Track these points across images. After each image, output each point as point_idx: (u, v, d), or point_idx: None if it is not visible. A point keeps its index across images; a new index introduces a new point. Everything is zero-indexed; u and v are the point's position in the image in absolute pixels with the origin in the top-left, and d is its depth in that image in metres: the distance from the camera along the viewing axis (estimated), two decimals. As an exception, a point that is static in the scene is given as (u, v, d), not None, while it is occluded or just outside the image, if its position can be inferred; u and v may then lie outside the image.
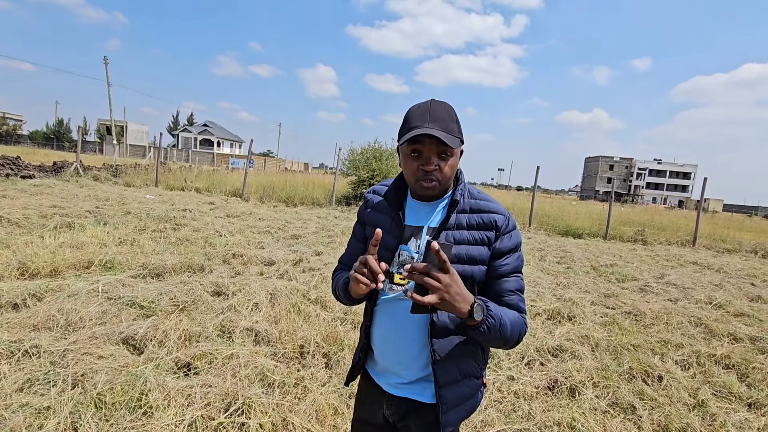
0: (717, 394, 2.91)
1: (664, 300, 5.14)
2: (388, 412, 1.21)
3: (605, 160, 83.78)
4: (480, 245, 1.10)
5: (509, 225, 1.13)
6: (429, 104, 1.08)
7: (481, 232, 1.11)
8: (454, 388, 1.13)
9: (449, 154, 1.07)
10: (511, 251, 1.12)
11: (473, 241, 1.10)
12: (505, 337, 1.03)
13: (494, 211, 1.13)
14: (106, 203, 8.41)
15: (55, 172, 13.41)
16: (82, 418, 1.97)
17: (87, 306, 3.17)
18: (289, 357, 2.86)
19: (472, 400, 1.18)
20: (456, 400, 1.14)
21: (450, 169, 1.09)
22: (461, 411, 1.16)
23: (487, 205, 1.14)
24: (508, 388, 2.77)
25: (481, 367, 1.20)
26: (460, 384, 1.14)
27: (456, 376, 1.13)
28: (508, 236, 1.12)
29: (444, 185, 1.11)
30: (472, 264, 1.09)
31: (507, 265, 1.11)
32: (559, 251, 8.26)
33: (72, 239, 5.09)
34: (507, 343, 1.06)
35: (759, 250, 10.65)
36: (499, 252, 1.11)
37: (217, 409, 2.17)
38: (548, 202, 20.48)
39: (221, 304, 3.56)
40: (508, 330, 1.03)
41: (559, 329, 3.79)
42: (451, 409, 1.13)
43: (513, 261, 1.12)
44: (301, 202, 13.09)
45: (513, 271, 1.12)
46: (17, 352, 2.47)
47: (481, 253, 1.10)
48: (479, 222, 1.11)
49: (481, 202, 1.15)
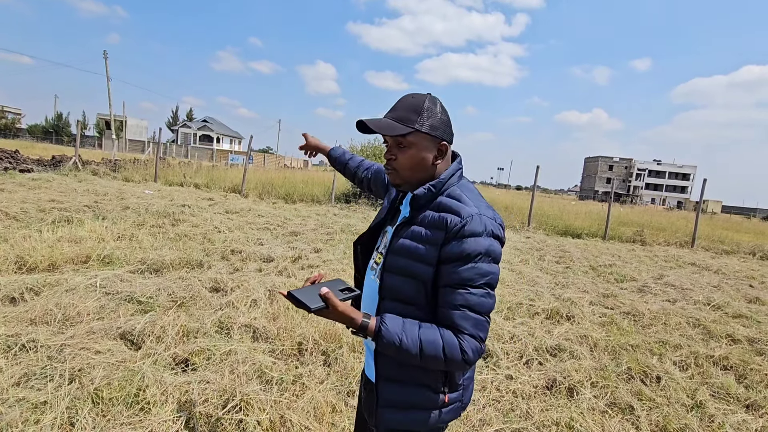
0: (715, 395, 2.91)
1: (663, 301, 5.15)
2: (364, 394, 1.24)
3: (605, 161, 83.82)
4: (429, 244, 1.02)
5: (463, 229, 0.99)
6: (403, 96, 1.09)
7: (432, 230, 1.03)
8: (395, 387, 1.09)
9: (405, 144, 1.07)
10: (459, 259, 0.99)
11: (424, 238, 1.04)
12: (412, 359, 0.98)
13: (453, 211, 1.03)
14: (104, 198, 8.38)
15: (54, 166, 13.37)
16: (79, 414, 1.96)
17: (85, 301, 3.16)
18: (287, 354, 2.85)
19: (420, 413, 1.08)
20: (395, 401, 1.09)
21: (409, 160, 1.07)
22: (402, 416, 1.09)
23: (452, 204, 1.05)
24: (506, 387, 2.76)
25: (441, 382, 1.08)
26: (402, 385, 1.08)
27: (397, 375, 1.08)
28: (458, 241, 0.99)
29: (403, 175, 1.10)
30: (417, 261, 1.03)
31: (452, 275, 0.99)
32: (558, 251, 8.26)
33: (70, 234, 5.07)
34: (425, 364, 0.99)
35: (757, 252, 10.66)
36: (446, 257, 1.00)
37: (214, 405, 2.16)
38: (547, 201, 20.48)
39: (219, 301, 3.55)
40: (412, 353, 0.96)
41: (557, 329, 3.79)
42: (388, 407, 1.09)
43: (463, 272, 0.99)
44: (301, 199, 13.07)
45: (460, 283, 0.99)
46: (14, 346, 2.45)
47: (428, 252, 1.02)
48: (434, 219, 1.04)
49: (451, 201, 1.06)
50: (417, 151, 1.07)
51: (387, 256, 1.09)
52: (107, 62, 37.25)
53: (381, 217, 1.25)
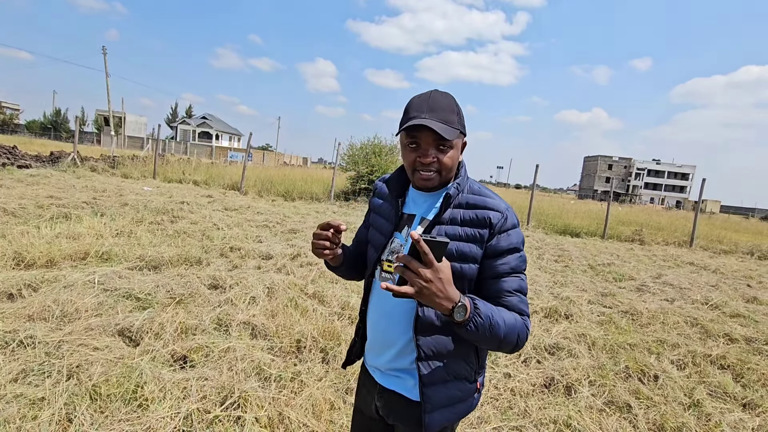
0: (712, 394, 2.92)
1: (661, 300, 5.16)
2: (379, 404, 1.21)
3: (604, 160, 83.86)
4: (471, 242, 1.05)
5: (506, 223, 1.06)
6: (429, 94, 1.07)
7: (474, 229, 1.06)
8: (441, 388, 1.09)
9: (447, 146, 1.06)
10: (508, 251, 1.06)
11: (465, 237, 1.05)
12: (498, 338, 0.98)
13: (491, 207, 1.07)
14: (103, 194, 8.36)
15: (52, 162, 13.32)
16: (76, 410, 1.96)
17: (83, 297, 3.15)
18: (285, 351, 2.85)
19: (462, 404, 1.13)
20: (442, 401, 1.10)
21: (450, 160, 1.08)
22: (448, 413, 1.11)
23: (484, 201, 1.08)
24: (504, 386, 2.77)
25: (475, 371, 1.14)
26: (447, 385, 1.10)
27: (443, 376, 1.09)
28: (505, 235, 1.06)
29: (444, 177, 1.10)
30: (462, 261, 1.05)
31: (504, 265, 1.06)
32: (557, 250, 8.27)
33: (68, 230, 5.05)
34: (502, 345, 1.00)
35: (755, 252, 10.69)
36: (494, 251, 1.05)
37: (213, 402, 2.16)
38: (547, 200, 20.50)
39: (218, 298, 3.55)
40: (501, 332, 0.97)
41: (556, 327, 3.80)
42: (436, 409, 1.09)
43: (512, 261, 1.06)
44: (300, 196, 13.06)
45: (512, 271, 1.06)
46: (12, 342, 2.45)
47: (472, 250, 1.05)
48: (473, 218, 1.06)
49: (479, 197, 1.09)
50: (455, 151, 1.09)
51: None
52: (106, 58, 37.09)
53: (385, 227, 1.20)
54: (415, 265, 0.85)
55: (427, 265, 0.86)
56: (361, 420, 1.32)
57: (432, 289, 0.87)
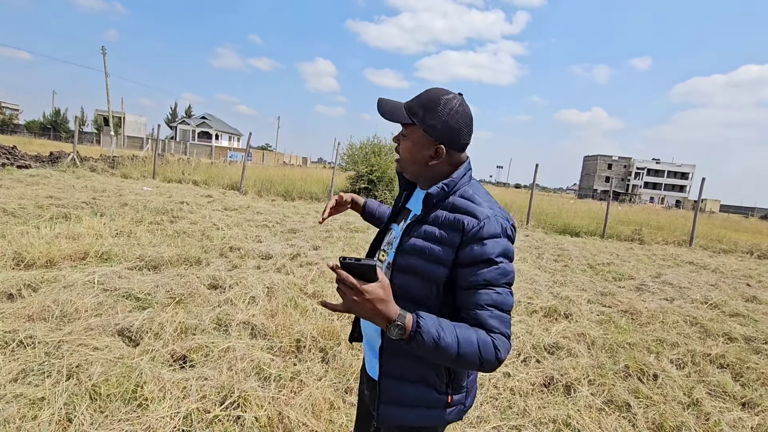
0: (711, 393, 2.93)
1: (660, 299, 5.16)
2: (367, 393, 1.23)
3: (604, 159, 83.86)
4: (443, 245, 1.01)
5: (481, 231, 0.98)
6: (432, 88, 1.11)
7: (448, 231, 1.02)
8: (398, 385, 1.08)
9: (405, 135, 1.10)
10: (482, 262, 0.98)
11: (438, 239, 1.02)
12: (450, 357, 0.92)
13: (469, 212, 1.02)
14: (102, 194, 8.35)
15: (52, 162, 13.32)
16: (76, 410, 1.96)
17: (82, 297, 3.16)
18: (285, 351, 2.85)
19: (422, 410, 1.08)
20: (398, 398, 1.08)
21: (406, 151, 1.10)
22: (404, 413, 1.08)
23: (466, 205, 1.04)
24: (504, 385, 2.77)
25: (447, 384, 1.07)
26: (406, 384, 1.08)
27: (404, 373, 1.07)
28: (478, 244, 0.98)
29: (403, 164, 1.13)
30: (432, 262, 1.02)
31: (476, 276, 0.98)
32: (557, 249, 8.28)
33: (68, 230, 5.05)
34: (459, 364, 0.94)
35: (755, 251, 10.70)
36: (467, 259, 0.99)
37: (212, 402, 2.16)
38: (546, 200, 20.51)
39: (218, 298, 3.55)
40: (452, 351, 0.91)
41: (555, 327, 3.80)
42: (391, 403, 1.08)
43: (485, 273, 0.98)
44: (299, 196, 13.06)
45: (485, 284, 0.98)
46: (12, 342, 2.45)
47: (442, 253, 1.01)
48: (449, 221, 1.03)
49: (464, 201, 1.05)
50: (413, 145, 1.08)
51: (397, 255, 1.08)
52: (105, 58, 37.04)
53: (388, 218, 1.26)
54: (346, 284, 0.89)
55: (353, 286, 0.89)
56: (361, 408, 1.36)
57: (361, 307, 0.89)
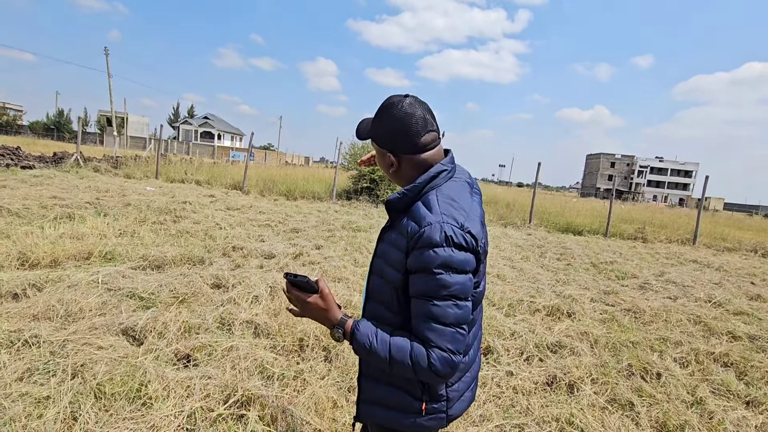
0: (715, 391, 2.92)
1: (664, 298, 5.14)
2: None
3: (606, 158, 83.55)
4: (397, 249, 1.02)
5: (421, 239, 0.95)
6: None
7: (400, 237, 1.02)
8: (373, 384, 1.12)
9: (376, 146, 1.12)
10: (419, 270, 0.96)
11: (394, 243, 1.04)
12: (384, 363, 0.98)
13: (415, 218, 1.00)
14: (106, 194, 8.39)
15: (56, 162, 13.38)
16: (81, 408, 1.98)
17: (87, 297, 3.17)
18: (288, 350, 2.86)
19: (397, 414, 1.08)
20: (372, 398, 1.12)
21: (378, 163, 1.15)
22: (380, 412, 1.10)
23: (417, 211, 1.01)
24: (506, 384, 2.77)
25: (420, 389, 1.06)
26: (380, 384, 1.10)
27: (378, 374, 1.10)
28: (417, 251, 0.96)
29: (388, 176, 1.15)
30: (389, 266, 1.05)
31: (416, 285, 0.98)
32: (559, 248, 8.26)
33: (72, 230, 5.08)
34: (396, 371, 0.98)
35: (759, 249, 10.64)
36: (411, 267, 0.99)
37: (216, 400, 2.17)
38: (549, 198, 20.46)
39: (221, 297, 3.57)
40: (382, 358, 0.97)
41: (558, 325, 3.79)
42: (367, 401, 1.13)
43: (420, 283, 0.96)
44: (302, 195, 13.07)
45: (423, 294, 0.96)
46: (17, 341, 2.47)
47: (398, 258, 1.02)
48: (402, 226, 1.02)
49: (419, 206, 1.02)
50: (377, 157, 1.15)
51: (373, 259, 1.14)
52: (108, 59, 37.18)
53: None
54: (291, 295, 1.06)
55: (297, 298, 1.04)
56: None
57: (308, 313, 1.05)
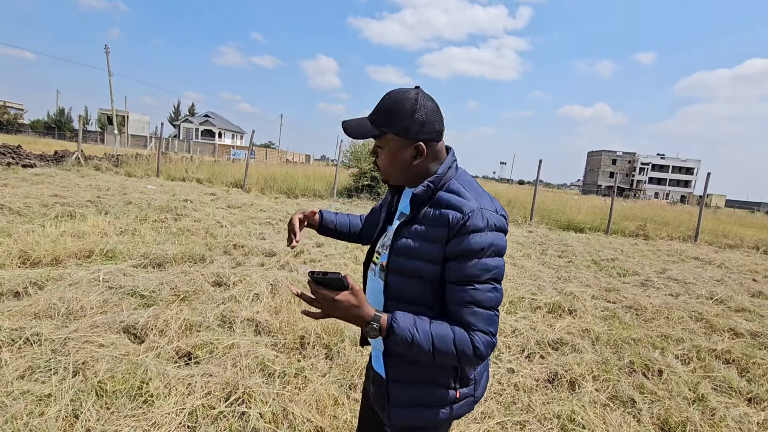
0: (717, 388, 2.91)
1: (665, 295, 5.14)
2: (372, 390, 1.22)
3: (608, 155, 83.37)
4: (432, 242, 1.00)
5: (466, 225, 0.96)
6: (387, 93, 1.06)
7: (435, 228, 1.00)
8: (404, 387, 1.07)
9: (382, 146, 1.08)
10: (463, 256, 0.96)
11: (427, 236, 1.01)
12: (426, 354, 0.95)
13: (454, 206, 1.00)
14: (107, 193, 8.40)
15: (56, 161, 13.39)
16: (83, 406, 1.98)
17: (88, 295, 3.18)
18: (289, 347, 2.86)
19: (432, 410, 1.06)
20: (405, 400, 1.07)
21: (386, 160, 1.07)
22: (415, 414, 1.07)
23: (451, 200, 1.01)
24: (508, 381, 2.77)
25: (452, 378, 1.06)
26: (412, 384, 1.06)
27: (409, 374, 1.07)
28: (462, 237, 0.96)
29: (388, 174, 1.11)
30: (421, 260, 1.01)
31: (458, 272, 0.97)
32: (561, 245, 8.25)
33: (73, 228, 5.08)
34: (437, 360, 0.96)
35: (761, 246, 10.62)
36: (451, 254, 0.98)
37: (217, 398, 2.17)
38: (550, 196, 20.40)
39: (222, 295, 3.57)
40: (425, 350, 0.94)
41: (559, 323, 3.79)
42: (399, 405, 1.07)
43: (466, 268, 0.96)
44: (303, 193, 13.07)
45: (466, 280, 0.97)
46: (18, 339, 2.47)
47: (433, 250, 1.00)
48: (435, 216, 1.01)
49: (450, 195, 1.03)
50: (391, 152, 1.06)
51: (390, 257, 1.07)
52: (108, 57, 37.12)
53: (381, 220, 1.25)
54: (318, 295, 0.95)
55: (326, 298, 0.93)
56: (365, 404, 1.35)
57: (337, 313, 0.94)
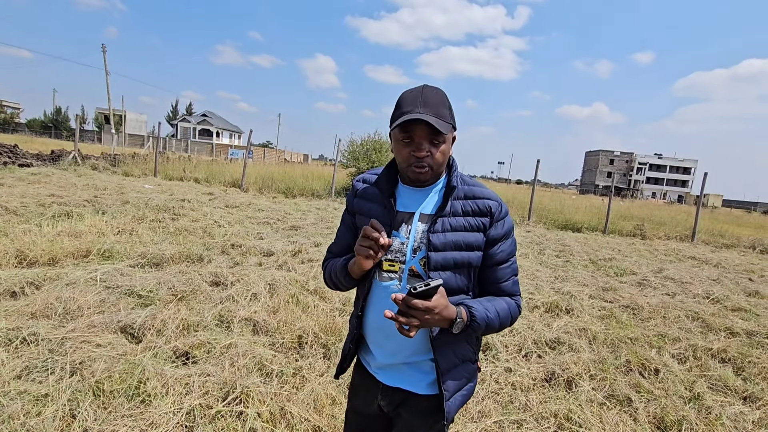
0: (713, 387, 2.93)
1: (662, 294, 5.16)
2: (383, 403, 1.22)
3: (605, 155, 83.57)
4: (476, 231, 1.11)
5: (502, 211, 1.15)
6: (421, 89, 1.07)
7: (476, 218, 1.12)
8: (454, 374, 1.15)
9: (441, 141, 1.07)
10: (505, 236, 1.15)
11: (469, 227, 1.11)
12: (494, 329, 1.10)
13: (488, 197, 1.15)
14: (104, 192, 8.37)
15: (53, 160, 13.34)
16: (80, 406, 1.98)
17: (85, 294, 3.17)
18: (287, 347, 2.86)
19: (469, 385, 1.20)
20: (456, 386, 1.16)
21: (442, 155, 1.09)
22: (461, 398, 1.18)
23: (481, 191, 1.16)
24: (505, 380, 2.78)
25: (475, 351, 1.22)
26: (458, 368, 1.16)
27: (454, 361, 1.15)
28: (501, 223, 1.14)
29: (436, 171, 1.11)
30: (469, 250, 1.11)
31: (502, 252, 1.14)
32: (558, 245, 8.27)
33: (70, 228, 5.07)
34: (497, 332, 1.15)
35: (757, 246, 10.67)
36: (494, 238, 1.13)
37: (215, 397, 2.17)
38: (548, 195, 20.45)
39: (220, 294, 3.56)
40: (496, 324, 1.09)
41: (557, 322, 3.80)
42: (452, 395, 1.15)
43: (507, 247, 1.15)
44: (301, 193, 13.06)
45: (508, 257, 1.15)
46: (15, 339, 2.46)
47: (477, 239, 1.11)
48: (474, 208, 1.12)
49: (475, 188, 1.16)
50: (447, 146, 1.10)
51: (431, 255, 1.07)
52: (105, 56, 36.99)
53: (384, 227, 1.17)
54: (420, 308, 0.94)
55: (428, 308, 0.95)
56: (358, 421, 1.33)
57: (430, 321, 0.98)
